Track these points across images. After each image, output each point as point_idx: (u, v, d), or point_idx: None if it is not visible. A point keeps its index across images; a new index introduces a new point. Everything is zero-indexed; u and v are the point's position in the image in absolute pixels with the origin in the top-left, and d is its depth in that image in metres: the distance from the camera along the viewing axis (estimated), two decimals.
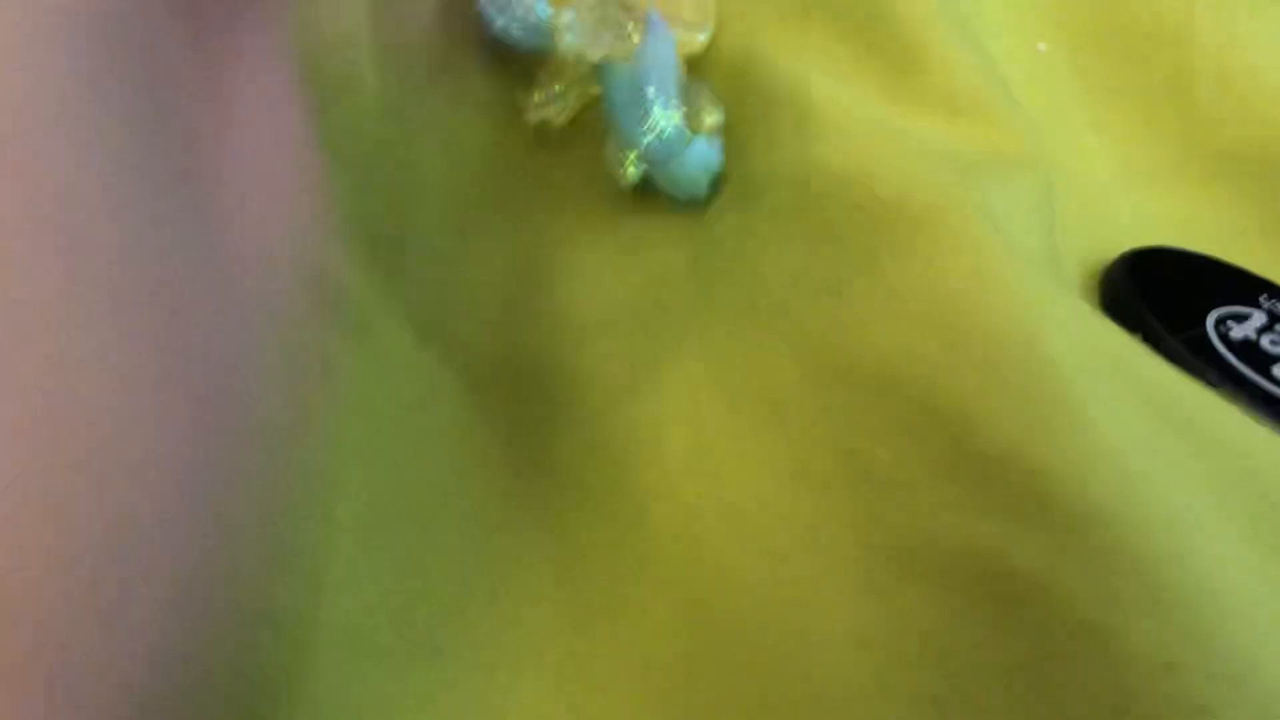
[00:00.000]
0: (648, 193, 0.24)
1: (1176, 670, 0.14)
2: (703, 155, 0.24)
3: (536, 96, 0.26)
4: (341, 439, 0.21)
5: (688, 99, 0.24)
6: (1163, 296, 0.24)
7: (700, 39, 0.27)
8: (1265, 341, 0.23)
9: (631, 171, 0.23)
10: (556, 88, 0.25)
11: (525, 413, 0.21)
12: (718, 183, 0.24)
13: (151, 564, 0.10)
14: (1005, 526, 0.16)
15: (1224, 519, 0.17)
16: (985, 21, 0.28)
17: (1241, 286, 0.24)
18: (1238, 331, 0.23)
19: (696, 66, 0.26)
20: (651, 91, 0.23)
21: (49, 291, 0.09)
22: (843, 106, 0.22)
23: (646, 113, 0.23)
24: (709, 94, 0.24)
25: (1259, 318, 0.23)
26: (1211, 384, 0.21)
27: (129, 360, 0.10)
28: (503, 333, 0.22)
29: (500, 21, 0.25)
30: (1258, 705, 0.14)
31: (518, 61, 0.26)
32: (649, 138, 0.23)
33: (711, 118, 0.24)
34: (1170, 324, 0.23)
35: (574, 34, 0.24)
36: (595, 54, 0.24)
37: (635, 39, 0.23)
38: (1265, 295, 0.24)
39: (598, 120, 0.25)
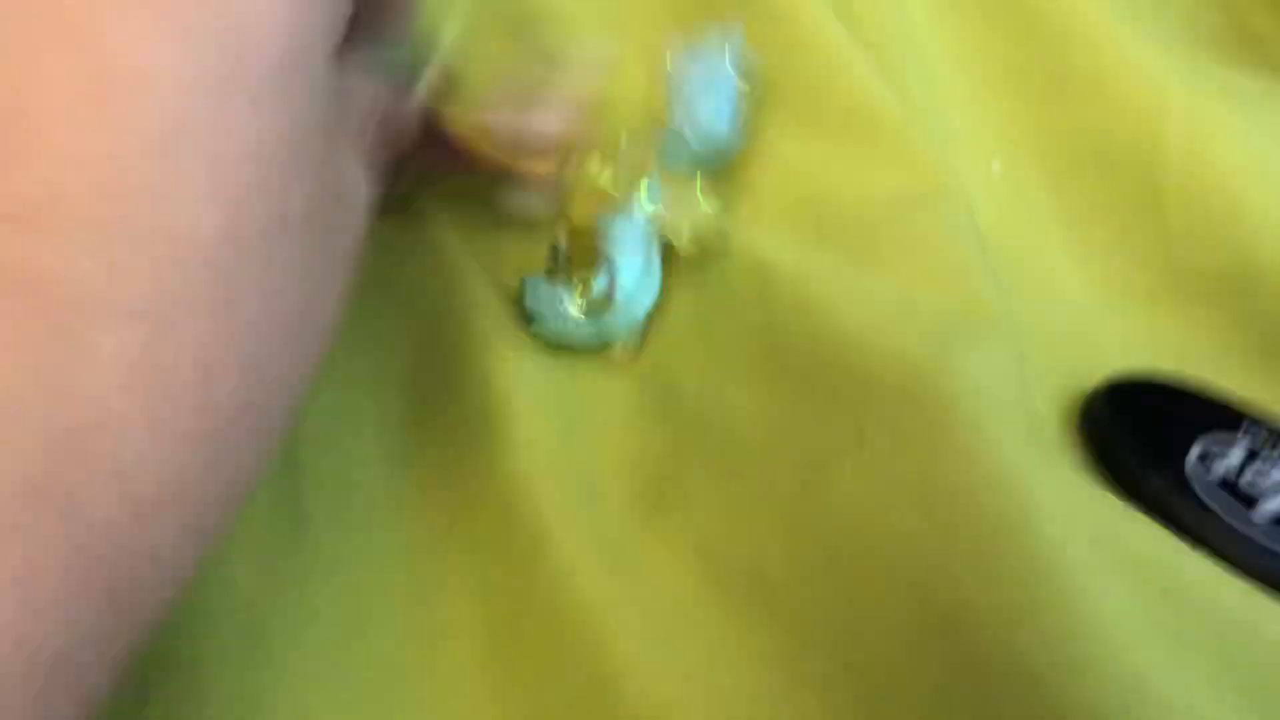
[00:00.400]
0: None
1: None
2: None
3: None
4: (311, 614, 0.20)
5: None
6: (1143, 430, 0.24)
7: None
8: (1244, 479, 0.22)
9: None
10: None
11: (490, 575, 0.20)
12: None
13: None
14: None
15: (1222, 707, 0.17)
16: (954, 138, 0.27)
17: (1224, 415, 0.24)
18: (1219, 467, 0.23)
19: None
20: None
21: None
22: (804, 272, 0.21)
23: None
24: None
25: (1241, 449, 0.23)
26: (1193, 529, 0.21)
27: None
28: (462, 496, 0.21)
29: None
30: None
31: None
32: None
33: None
34: (1152, 462, 0.23)
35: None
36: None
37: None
38: (1248, 422, 0.24)
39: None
